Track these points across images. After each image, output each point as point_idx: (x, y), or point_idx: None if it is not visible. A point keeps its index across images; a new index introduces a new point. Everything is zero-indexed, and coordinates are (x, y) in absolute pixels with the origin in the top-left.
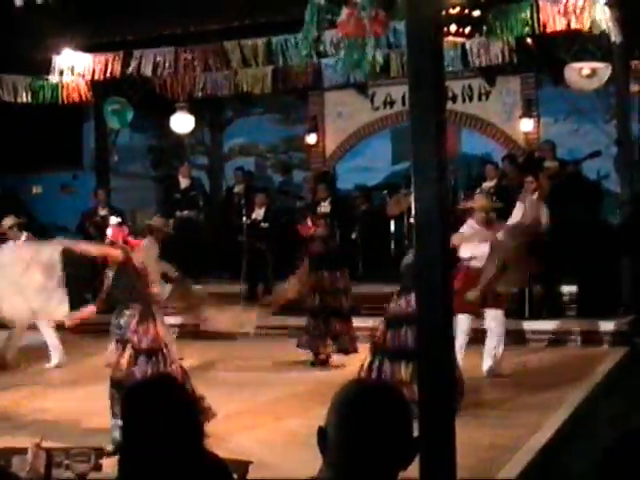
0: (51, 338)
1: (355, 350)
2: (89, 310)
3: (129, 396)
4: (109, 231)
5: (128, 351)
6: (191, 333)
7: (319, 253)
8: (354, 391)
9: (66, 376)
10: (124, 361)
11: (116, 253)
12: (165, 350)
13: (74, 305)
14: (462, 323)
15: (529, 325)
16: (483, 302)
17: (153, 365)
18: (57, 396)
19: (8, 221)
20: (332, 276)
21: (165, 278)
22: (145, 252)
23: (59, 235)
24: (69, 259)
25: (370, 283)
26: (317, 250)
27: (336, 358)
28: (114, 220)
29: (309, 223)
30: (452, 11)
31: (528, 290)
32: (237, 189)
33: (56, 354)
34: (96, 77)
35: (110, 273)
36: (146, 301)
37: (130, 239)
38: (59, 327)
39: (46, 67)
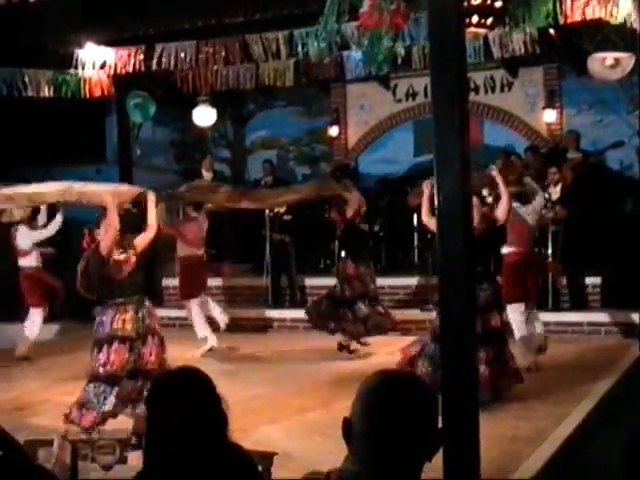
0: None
1: (393, 328)
2: None
3: (152, 390)
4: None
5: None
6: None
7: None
8: (379, 381)
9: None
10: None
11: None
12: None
13: None
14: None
15: (552, 317)
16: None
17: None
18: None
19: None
20: (362, 264)
21: None
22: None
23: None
24: None
25: (393, 275)
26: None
27: (361, 348)
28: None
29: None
30: (474, 2)
31: (551, 282)
32: (265, 181)
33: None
34: (118, 71)
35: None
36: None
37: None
38: None
39: (69, 61)
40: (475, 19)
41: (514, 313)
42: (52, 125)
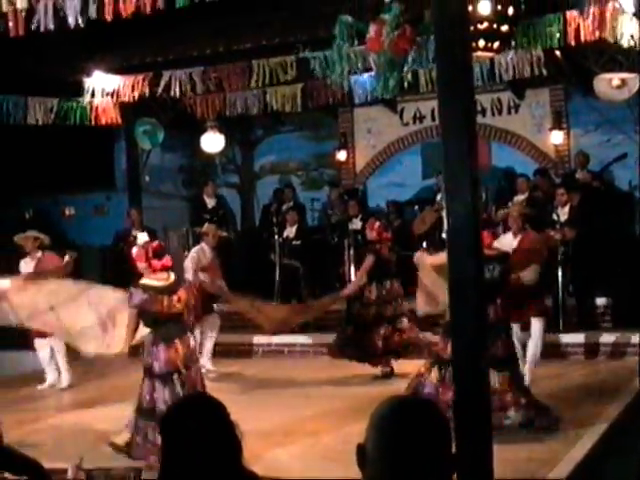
0: (62, 358)
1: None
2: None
3: (167, 418)
4: (133, 251)
5: (147, 377)
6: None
7: (384, 258)
8: (392, 408)
9: (82, 396)
10: (144, 387)
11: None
12: (184, 371)
13: None
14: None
15: (564, 338)
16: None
17: (170, 389)
18: (75, 416)
19: (28, 233)
20: (392, 285)
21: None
22: (190, 260)
23: (93, 256)
24: None
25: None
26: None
27: (370, 371)
28: (141, 239)
29: (375, 226)
30: (480, 26)
31: (562, 303)
32: (288, 206)
33: (67, 375)
34: (126, 99)
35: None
36: (164, 323)
37: (154, 261)
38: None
39: (77, 89)
40: (482, 43)
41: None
42: (61, 153)
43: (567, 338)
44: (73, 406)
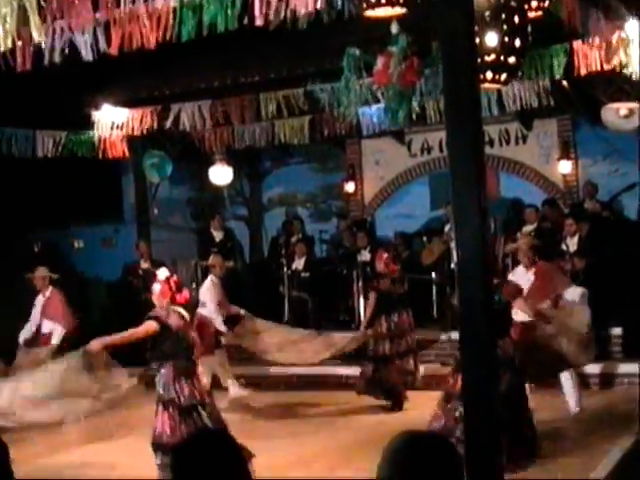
0: None
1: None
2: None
3: (177, 455)
4: (157, 287)
5: (168, 411)
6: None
7: (388, 291)
8: (406, 442)
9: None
10: (165, 422)
11: (152, 329)
12: (204, 403)
13: None
14: None
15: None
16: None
17: (193, 422)
18: (87, 449)
19: (39, 272)
20: (401, 317)
21: (234, 319)
22: (208, 292)
23: (102, 288)
24: None
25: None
26: (385, 288)
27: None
28: (162, 274)
29: (384, 257)
30: (487, 58)
31: None
32: (297, 238)
33: None
34: (135, 132)
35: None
36: (184, 357)
37: (177, 295)
38: None
39: (85, 122)
40: (489, 75)
41: None
42: (70, 185)
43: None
44: (81, 440)
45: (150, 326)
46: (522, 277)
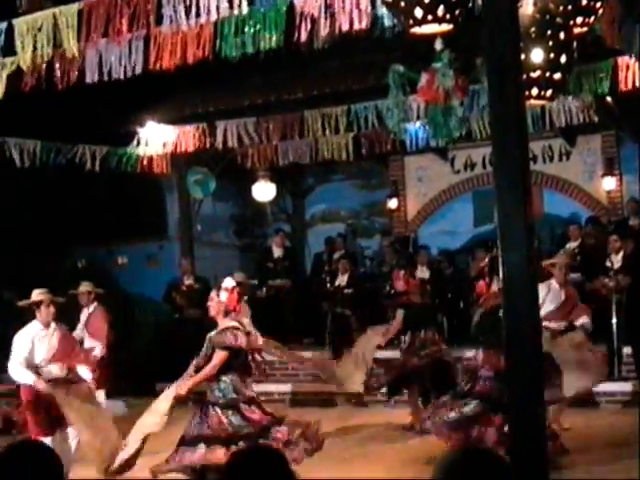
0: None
1: None
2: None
3: (231, 467)
4: (224, 295)
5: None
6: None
7: (414, 305)
8: (461, 458)
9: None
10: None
11: (223, 358)
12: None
13: None
14: None
15: (618, 387)
16: None
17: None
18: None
19: (83, 287)
20: (427, 333)
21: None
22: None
23: (145, 305)
24: None
25: (456, 347)
26: (412, 302)
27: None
28: (229, 283)
29: (401, 275)
30: (533, 74)
31: (617, 351)
32: (341, 254)
33: None
34: (180, 150)
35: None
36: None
37: (239, 305)
38: None
39: (130, 139)
40: (535, 91)
41: None
42: (114, 202)
43: (625, 386)
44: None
45: (223, 357)
46: (556, 293)
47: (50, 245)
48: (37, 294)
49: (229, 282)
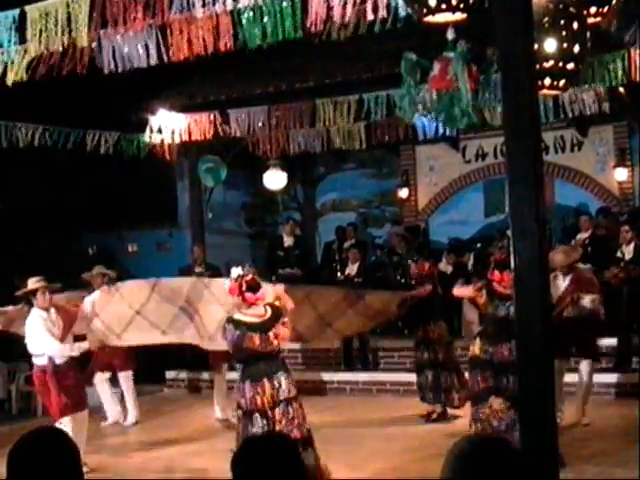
0: (131, 394)
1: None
2: None
3: (240, 455)
4: (226, 283)
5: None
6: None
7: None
8: (471, 446)
9: (149, 434)
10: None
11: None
12: (269, 412)
13: None
14: None
15: (621, 378)
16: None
17: (258, 427)
18: (141, 456)
19: (97, 269)
20: (438, 327)
21: None
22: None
23: None
24: None
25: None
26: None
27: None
28: (235, 272)
29: (426, 267)
30: (546, 64)
31: (629, 342)
32: (351, 243)
33: (134, 412)
34: (192, 137)
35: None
36: (255, 361)
37: (248, 295)
38: None
39: (142, 127)
40: (547, 81)
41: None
42: (126, 189)
43: (627, 378)
44: (140, 445)
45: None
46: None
47: (61, 231)
48: (33, 282)
49: (235, 272)
